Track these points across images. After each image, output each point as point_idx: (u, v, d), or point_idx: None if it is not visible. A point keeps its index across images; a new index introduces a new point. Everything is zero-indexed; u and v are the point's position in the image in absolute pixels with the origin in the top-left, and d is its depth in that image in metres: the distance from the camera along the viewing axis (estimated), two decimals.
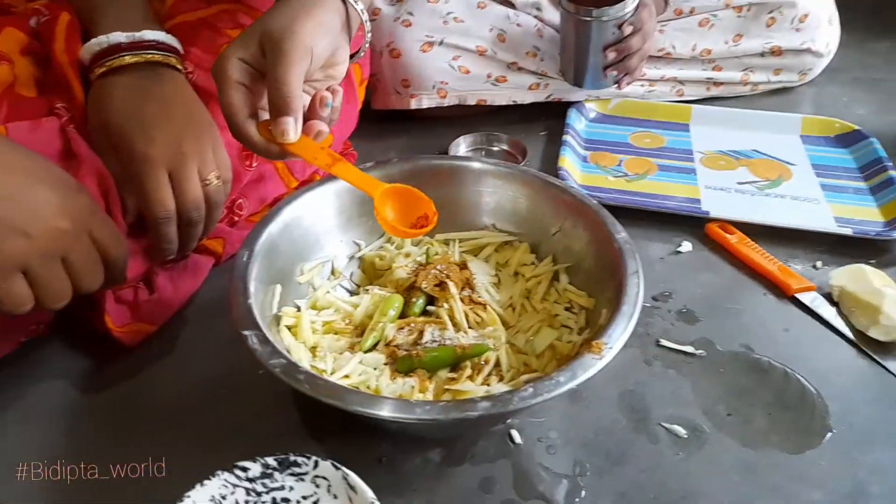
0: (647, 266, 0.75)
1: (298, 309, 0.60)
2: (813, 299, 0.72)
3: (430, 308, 0.62)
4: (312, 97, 0.54)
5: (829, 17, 1.06)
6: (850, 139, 0.96)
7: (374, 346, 0.57)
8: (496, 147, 0.95)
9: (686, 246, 0.79)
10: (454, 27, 0.95)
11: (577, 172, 0.89)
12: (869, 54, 1.23)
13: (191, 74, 0.68)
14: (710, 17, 1.01)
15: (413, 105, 0.97)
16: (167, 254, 0.63)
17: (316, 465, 0.46)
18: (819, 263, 0.77)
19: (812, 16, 1.02)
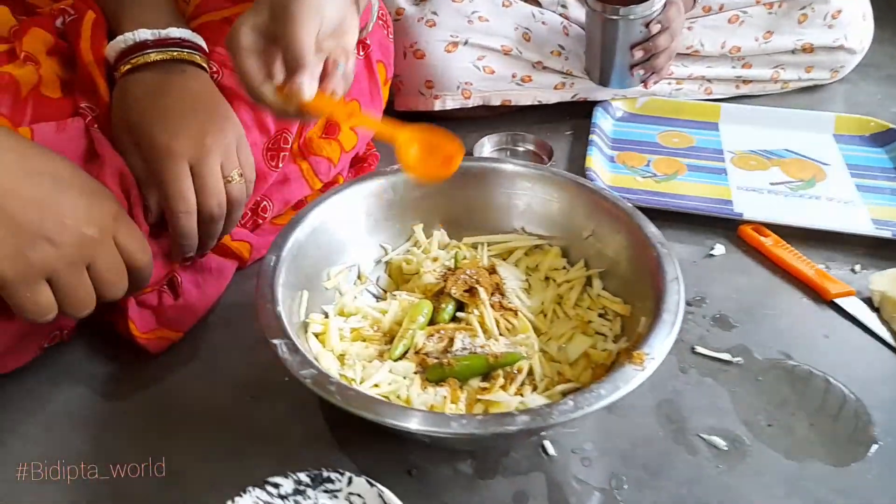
0: (681, 269, 0.73)
1: (326, 315, 0.59)
2: (852, 304, 0.69)
3: (460, 314, 0.60)
4: (325, 61, 0.52)
5: (863, 13, 1.03)
6: (886, 138, 0.93)
7: (404, 354, 0.55)
8: (521, 147, 0.93)
9: (719, 248, 0.77)
10: (479, 26, 0.93)
11: (606, 173, 0.87)
12: None
13: (216, 74, 0.66)
14: (741, 13, 0.99)
15: (437, 106, 0.95)
16: (186, 250, 0.61)
17: (350, 481, 0.45)
18: (857, 267, 0.74)
19: (845, 12, 1.00)
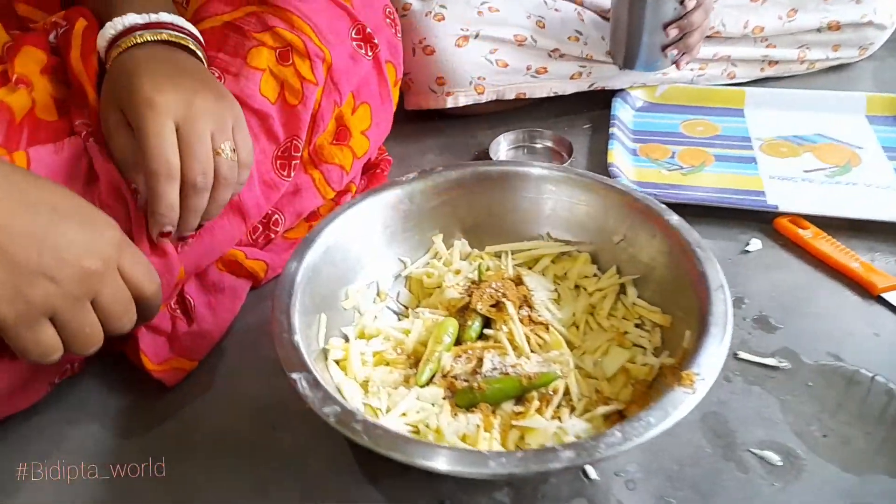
0: None
1: (346, 339, 0.55)
2: None
3: (487, 331, 0.57)
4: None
5: None
6: None
7: (431, 379, 0.52)
8: (539, 144, 0.89)
9: (755, 244, 0.73)
10: (490, 17, 0.89)
11: (629, 168, 0.83)
12: None
13: (219, 79, 0.63)
14: None
15: (449, 104, 0.91)
16: (164, 223, 0.54)
17: None
18: None
19: None
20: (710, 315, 0.48)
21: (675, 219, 0.56)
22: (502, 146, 0.88)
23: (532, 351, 0.55)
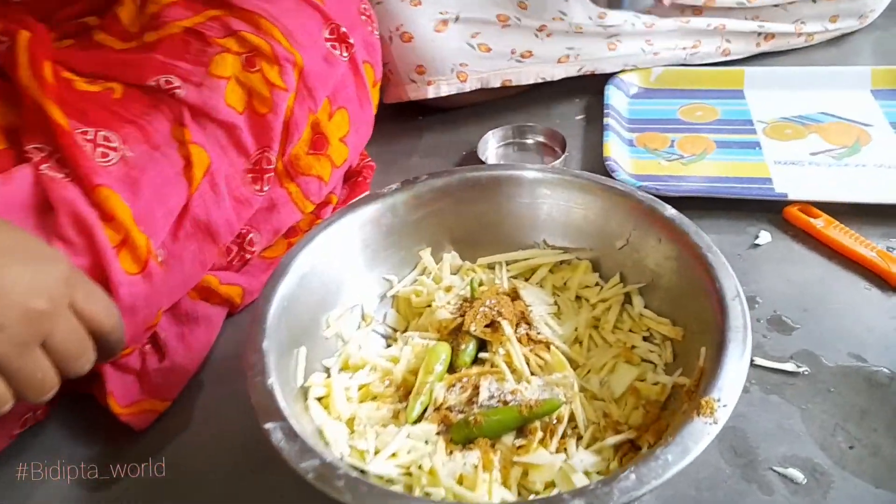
0: None
1: (328, 374, 0.51)
2: None
3: (483, 354, 0.52)
4: None
5: None
6: None
7: (423, 414, 0.47)
8: (530, 140, 0.84)
9: (764, 236, 0.68)
10: None
11: (626, 160, 0.79)
12: None
13: (178, 89, 0.58)
14: None
15: (431, 93, 0.86)
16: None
17: None
18: None
19: None
20: (727, 330, 0.43)
21: (682, 221, 0.52)
22: (491, 144, 0.83)
23: (532, 373, 0.50)
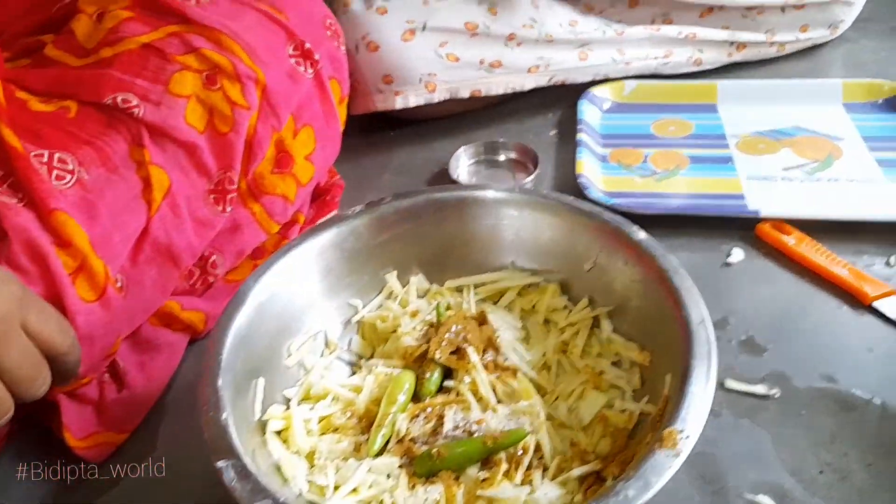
0: (695, 284, 0.64)
1: (288, 405, 0.49)
2: (895, 307, 0.61)
3: (448, 383, 0.51)
4: None
5: None
6: None
7: (385, 446, 0.46)
8: (502, 156, 0.83)
9: (737, 254, 0.68)
10: (436, 6, 0.83)
11: (599, 177, 0.78)
12: None
13: (136, 108, 0.57)
14: None
15: (399, 104, 0.84)
16: None
17: None
18: (893, 259, 0.66)
19: None
20: (692, 357, 0.43)
21: (649, 242, 0.51)
22: (462, 161, 0.82)
23: (499, 401, 0.49)
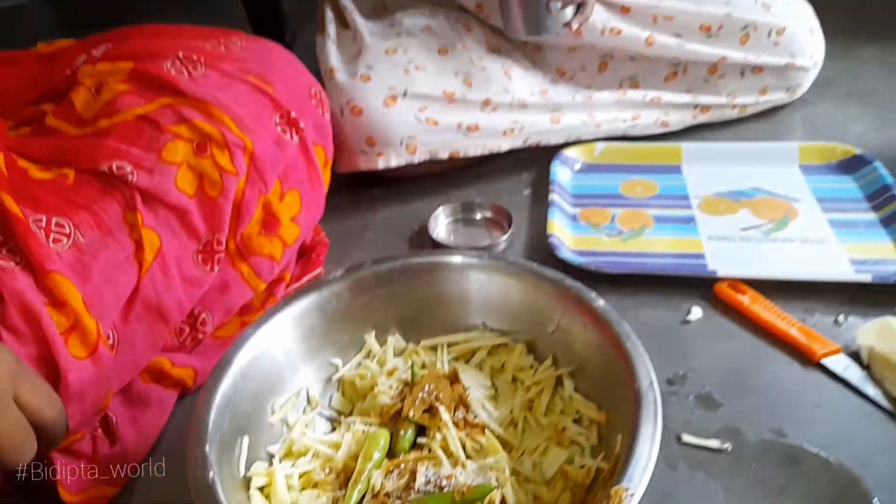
0: (657, 341, 0.68)
1: (271, 462, 0.53)
2: (841, 364, 0.65)
3: (421, 439, 0.54)
4: None
5: (810, 28, 1.00)
6: (853, 165, 0.90)
7: (361, 501, 0.50)
8: (479, 215, 0.88)
9: (696, 312, 0.72)
10: (417, 75, 0.89)
11: (569, 236, 0.83)
12: (858, 62, 1.17)
13: (130, 175, 0.61)
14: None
15: (381, 164, 0.89)
16: None
17: None
18: (841, 317, 0.70)
19: (790, 28, 0.96)
20: (640, 418, 0.47)
21: (606, 308, 0.55)
22: (441, 220, 0.87)
23: (469, 457, 0.53)
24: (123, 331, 0.59)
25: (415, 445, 0.54)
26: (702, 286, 0.75)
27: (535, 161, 0.96)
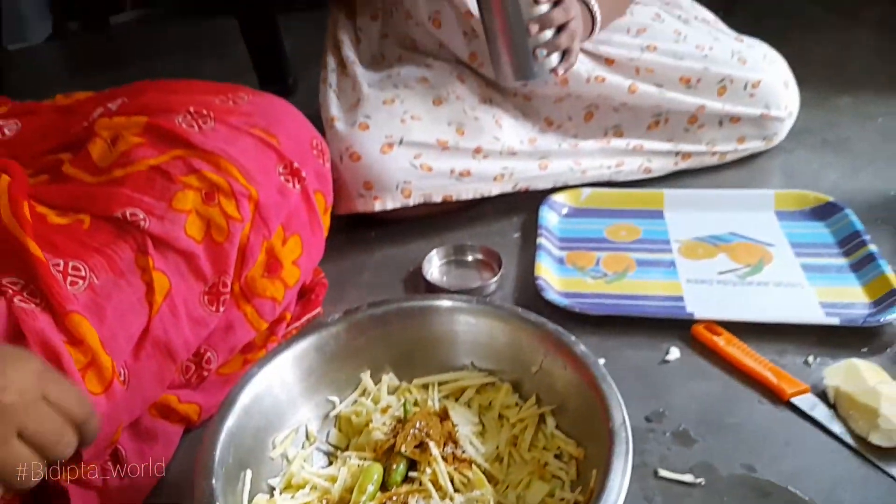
0: (637, 380, 0.73)
1: (272, 494, 0.57)
2: (809, 403, 0.69)
3: (413, 473, 0.58)
4: None
5: (785, 81, 1.05)
6: (825, 212, 0.95)
7: None
8: (470, 257, 0.93)
9: (674, 353, 0.76)
10: (412, 125, 0.94)
11: (555, 278, 0.87)
12: (833, 111, 1.23)
13: (143, 222, 0.65)
14: None
15: (377, 207, 0.95)
16: None
17: None
18: (811, 358, 0.74)
19: (765, 81, 1.02)
20: (612, 455, 0.51)
21: (584, 351, 0.59)
22: (434, 262, 0.91)
23: (456, 490, 0.57)
24: (134, 368, 0.63)
25: (406, 479, 0.58)
26: (680, 327, 0.79)
27: (524, 205, 1.01)
